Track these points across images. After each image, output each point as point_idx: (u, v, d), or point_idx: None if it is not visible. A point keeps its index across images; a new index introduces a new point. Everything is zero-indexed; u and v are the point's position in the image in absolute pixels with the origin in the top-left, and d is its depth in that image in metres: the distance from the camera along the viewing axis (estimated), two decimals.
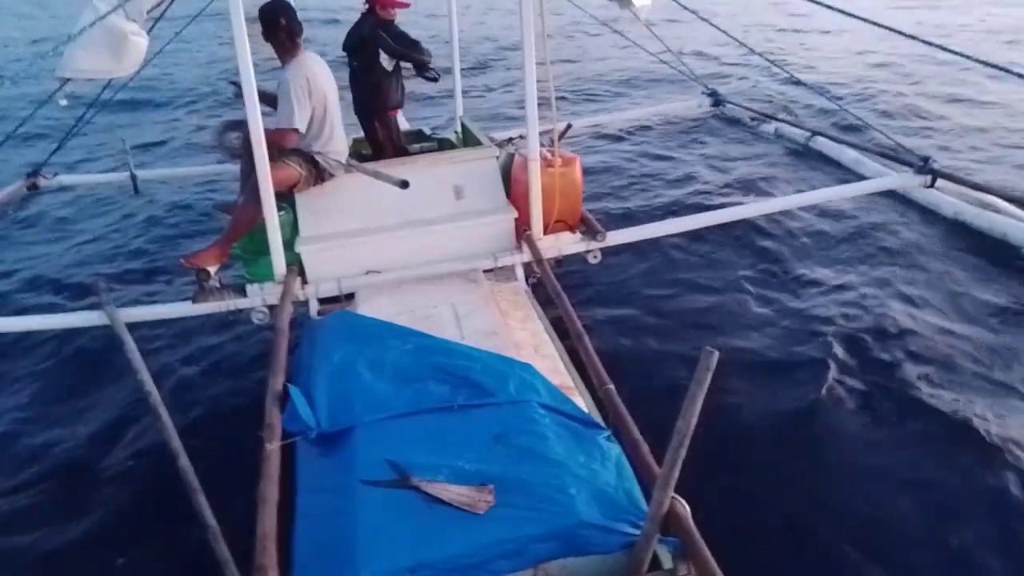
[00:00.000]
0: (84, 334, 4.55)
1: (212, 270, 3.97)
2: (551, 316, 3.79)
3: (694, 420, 1.87)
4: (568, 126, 4.89)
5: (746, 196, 6.46)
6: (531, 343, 3.44)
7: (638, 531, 2.14)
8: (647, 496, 2.23)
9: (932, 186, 4.90)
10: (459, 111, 5.81)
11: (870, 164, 6.36)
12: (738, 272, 5.24)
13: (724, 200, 6.45)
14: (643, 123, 8.97)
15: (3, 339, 4.79)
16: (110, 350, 4.32)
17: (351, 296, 3.94)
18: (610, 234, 4.33)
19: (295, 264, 4.03)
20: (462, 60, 6.20)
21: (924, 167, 4.84)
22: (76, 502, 3.48)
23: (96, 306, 4.00)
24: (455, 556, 2.11)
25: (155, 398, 3.18)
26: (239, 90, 4.11)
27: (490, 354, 3.07)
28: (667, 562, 2.17)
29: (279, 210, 3.85)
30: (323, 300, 4.01)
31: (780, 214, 5.69)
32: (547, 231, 4.23)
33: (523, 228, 4.22)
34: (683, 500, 2.09)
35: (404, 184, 4.01)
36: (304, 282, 4.02)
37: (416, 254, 4.12)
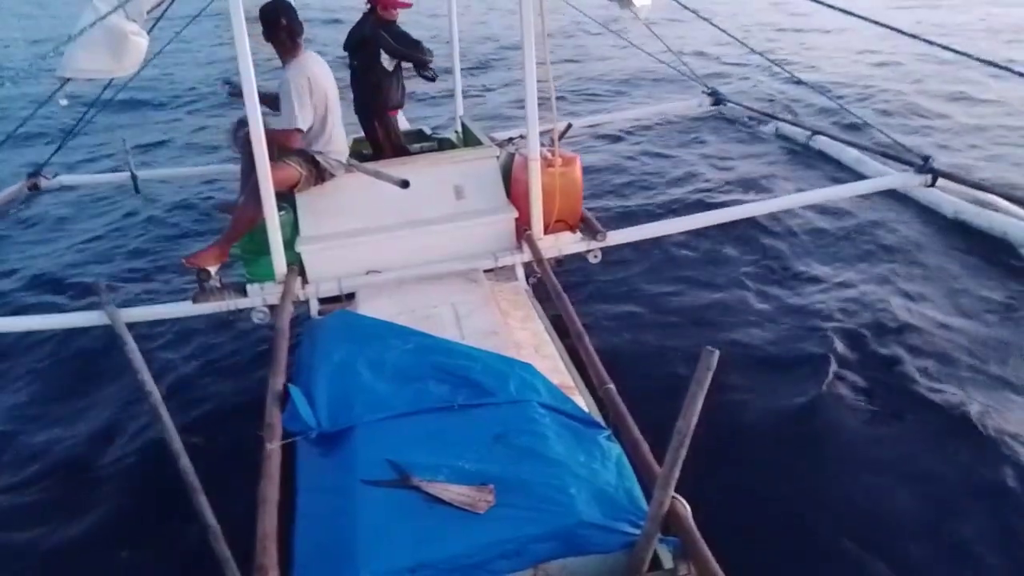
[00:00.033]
0: (85, 334, 4.55)
1: (212, 270, 3.97)
2: (551, 316, 3.79)
3: (694, 419, 1.87)
4: (568, 126, 4.88)
5: (746, 195, 6.47)
6: (531, 343, 3.43)
7: (638, 531, 2.14)
8: (647, 496, 2.23)
9: (932, 185, 4.89)
10: (459, 111, 5.81)
11: (870, 163, 6.36)
12: (739, 270, 5.25)
13: (724, 199, 6.45)
14: (643, 122, 8.96)
15: (4, 339, 4.80)
16: (111, 350, 4.32)
17: (351, 296, 3.93)
18: (610, 234, 4.32)
19: (295, 264, 4.02)
20: (463, 60, 6.20)
21: (924, 166, 4.83)
22: (77, 502, 3.49)
23: (97, 306, 4.00)
24: (455, 556, 2.11)
25: (156, 398, 3.18)
26: (232, 90, 4.10)
27: (490, 354, 3.07)
28: (667, 562, 2.17)
29: (279, 210, 3.85)
30: (323, 300, 4.00)
31: (781, 213, 5.69)
32: (547, 231, 4.23)
33: (523, 228, 4.22)
34: (683, 500, 2.08)
35: (405, 184, 4.01)
36: (304, 282, 4.01)
37: (417, 254, 4.12)
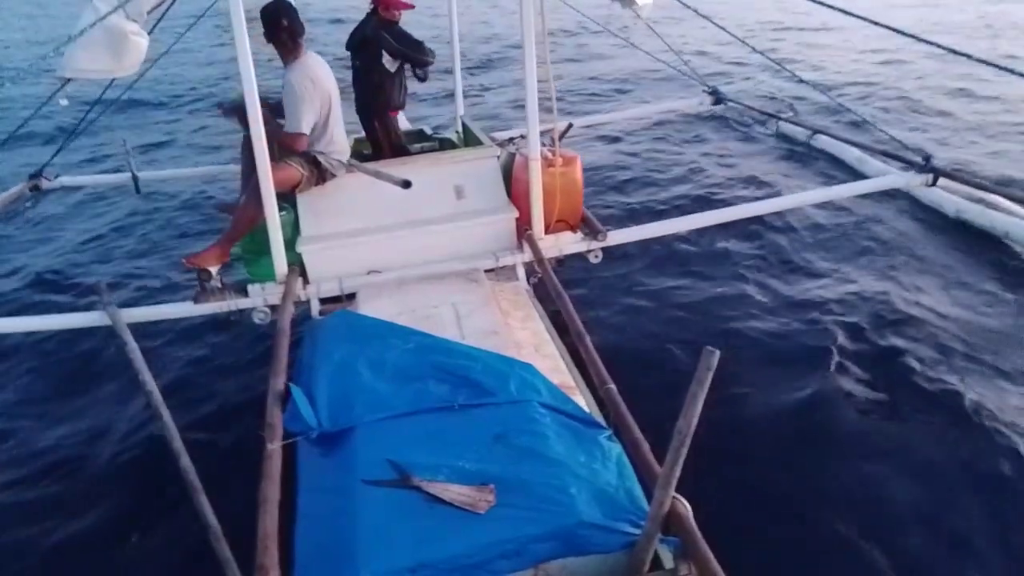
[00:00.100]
0: (86, 334, 4.55)
1: (213, 270, 3.97)
2: (552, 315, 3.79)
3: (695, 419, 1.87)
4: (569, 125, 4.87)
5: (747, 194, 6.46)
6: (532, 343, 3.43)
7: (639, 531, 2.14)
8: (648, 496, 2.23)
9: (934, 184, 4.89)
10: (460, 111, 5.80)
11: (872, 162, 6.35)
12: (739, 268, 5.25)
13: (725, 198, 6.45)
14: (644, 122, 8.96)
15: (5, 339, 4.80)
16: (111, 350, 4.33)
17: (352, 296, 3.93)
18: (611, 233, 4.32)
19: (296, 264, 4.02)
20: (463, 60, 6.19)
21: (926, 166, 4.82)
22: (77, 501, 3.49)
23: (98, 306, 4.00)
24: (455, 556, 2.11)
25: (156, 398, 3.18)
26: (228, 107, 4.10)
27: (491, 354, 3.06)
28: (668, 562, 2.17)
29: (280, 210, 3.85)
30: (324, 300, 4.00)
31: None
32: (548, 231, 4.22)
33: (524, 228, 4.21)
34: (684, 500, 2.08)
35: (406, 184, 4.00)
36: (305, 282, 4.01)
37: (417, 254, 4.12)
